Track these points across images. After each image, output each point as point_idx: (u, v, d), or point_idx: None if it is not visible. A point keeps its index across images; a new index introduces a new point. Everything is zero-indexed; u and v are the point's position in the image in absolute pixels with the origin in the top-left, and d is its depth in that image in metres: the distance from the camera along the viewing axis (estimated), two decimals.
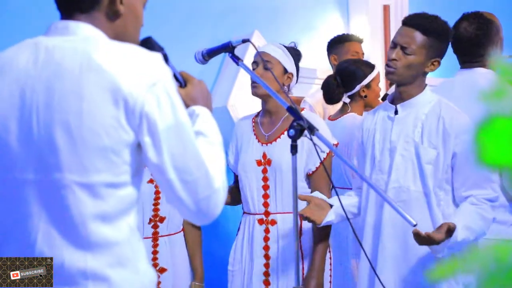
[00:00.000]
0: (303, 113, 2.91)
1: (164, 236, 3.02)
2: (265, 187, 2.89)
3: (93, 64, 1.41)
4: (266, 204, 2.89)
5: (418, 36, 2.51)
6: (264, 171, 2.89)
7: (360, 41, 3.98)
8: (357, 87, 3.43)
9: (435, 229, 2.38)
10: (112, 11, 1.51)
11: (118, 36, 1.52)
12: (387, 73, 2.56)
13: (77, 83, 1.41)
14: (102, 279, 1.43)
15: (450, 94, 2.75)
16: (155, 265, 2.98)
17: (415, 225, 2.10)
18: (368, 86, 3.45)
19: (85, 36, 1.47)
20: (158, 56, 1.47)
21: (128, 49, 1.45)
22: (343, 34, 4.05)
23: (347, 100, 3.46)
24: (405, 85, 2.57)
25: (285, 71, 2.91)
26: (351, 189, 3.33)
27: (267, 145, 2.91)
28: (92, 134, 1.40)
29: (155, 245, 3.00)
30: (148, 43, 1.59)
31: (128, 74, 1.41)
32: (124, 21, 1.53)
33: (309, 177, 2.89)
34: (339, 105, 3.55)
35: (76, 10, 1.50)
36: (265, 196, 2.89)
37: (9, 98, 1.45)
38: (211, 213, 1.49)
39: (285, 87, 2.93)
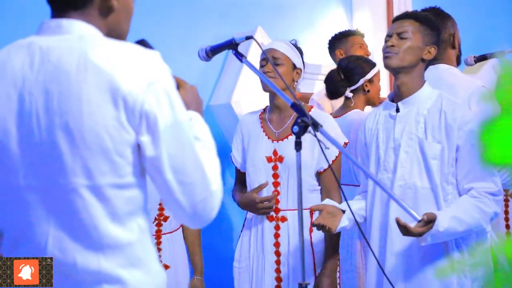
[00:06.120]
0: (312, 111, 2.92)
1: (166, 233, 3.04)
2: (276, 184, 2.89)
3: (90, 64, 1.38)
4: (276, 201, 2.89)
5: (411, 23, 2.59)
6: (275, 167, 2.90)
7: (362, 35, 4.01)
8: (361, 81, 3.43)
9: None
10: (106, 6, 1.49)
11: (111, 31, 1.50)
12: (386, 59, 2.57)
13: (75, 85, 1.38)
14: (116, 280, 1.42)
15: None
16: None
17: (420, 221, 2.10)
18: (371, 81, 3.47)
19: (80, 34, 1.44)
20: (156, 54, 1.44)
21: (126, 48, 1.43)
22: (346, 30, 4.07)
23: (350, 95, 3.46)
24: (404, 73, 2.56)
25: (294, 66, 2.94)
26: (358, 186, 3.33)
27: (278, 142, 2.92)
28: (94, 136, 1.38)
29: (158, 243, 3.02)
30: (142, 46, 1.55)
31: (126, 73, 1.38)
32: (117, 16, 1.51)
33: (320, 175, 2.90)
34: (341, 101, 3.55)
35: (69, 7, 1.47)
36: (276, 192, 2.89)
37: (7, 103, 1.42)
38: (207, 216, 1.47)
39: (295, 82, 2.95)
